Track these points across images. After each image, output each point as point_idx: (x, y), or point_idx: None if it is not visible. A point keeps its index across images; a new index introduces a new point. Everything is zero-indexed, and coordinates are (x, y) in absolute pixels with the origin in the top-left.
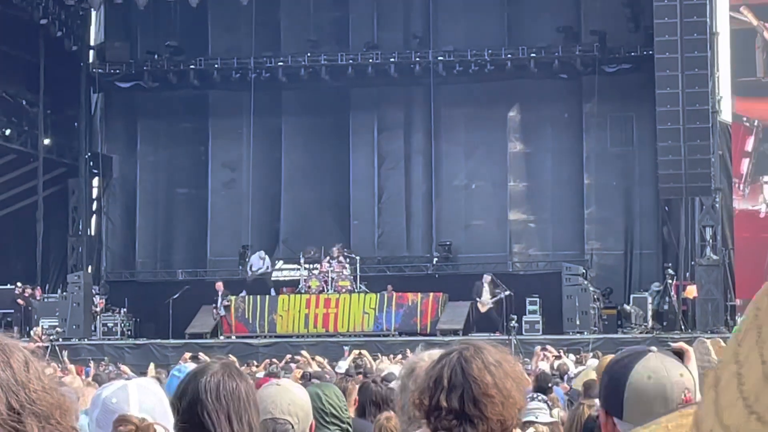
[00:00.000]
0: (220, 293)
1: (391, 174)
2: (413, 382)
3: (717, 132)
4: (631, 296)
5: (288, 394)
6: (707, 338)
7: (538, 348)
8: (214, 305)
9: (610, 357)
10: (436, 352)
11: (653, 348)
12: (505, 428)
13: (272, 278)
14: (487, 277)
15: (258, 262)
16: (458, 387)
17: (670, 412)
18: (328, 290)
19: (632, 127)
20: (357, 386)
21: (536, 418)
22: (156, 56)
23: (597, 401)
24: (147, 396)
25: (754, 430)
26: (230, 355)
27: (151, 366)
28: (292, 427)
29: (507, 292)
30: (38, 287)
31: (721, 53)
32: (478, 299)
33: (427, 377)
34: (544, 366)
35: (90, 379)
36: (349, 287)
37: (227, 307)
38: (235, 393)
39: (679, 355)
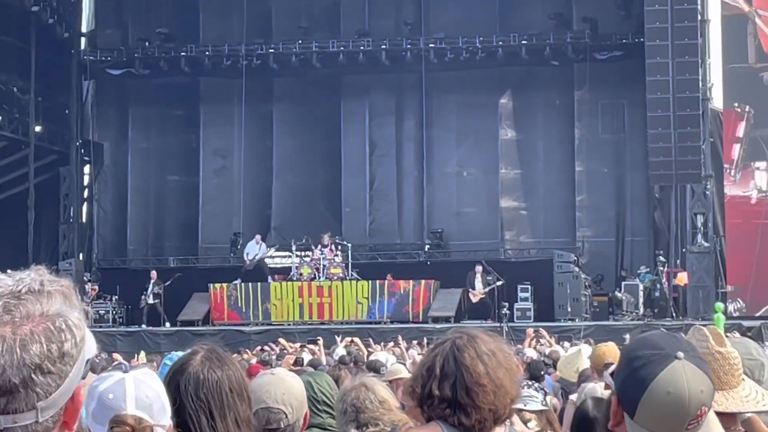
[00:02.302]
0: (152, 282)
1: (383, 161)
2: (341, 402)
3: (707, 119)
4: (623, 283)
5: (282, 384)
6: (702, 325)
7: (530, 330)
8: (144, 293)
9: (603, 347)
10: (372, 379)
11: (680, 354)
12: (497, 417)
13: (268, 265)
14: (479, 268)
15: (254, 247)
16: (450, 376)
17: (682, 426)
18: (319, 277)
19: (623, 114)
20: (349, 374)
21: (524, 405)
22: (147, 43)
23: (597, 385)
24: (144, 391)
25: None
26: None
27: (142, 354)
28: (286, 416)
29: (500, 282)
30: None
31: (712, 40)
32: (471, 290)
33: (420, 366)
34: (532, 353)
35: None
36: (341, 274)
37: (157, 295)
38: (216, 388)
39: None
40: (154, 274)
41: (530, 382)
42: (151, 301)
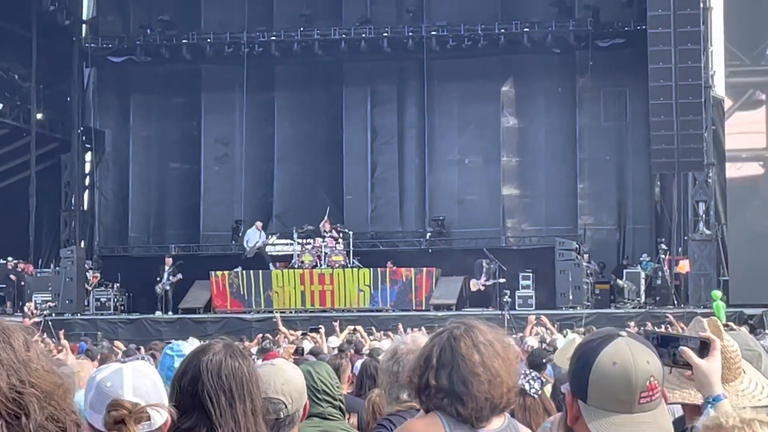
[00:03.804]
0: (167, 268)
1: (385, 149)
2: (396, 363)
3: (710, 107)
4: (624, 271)
5: (282, 375)
6: (704, 317)
7: (531, 316)
8: (158, 279)
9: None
10: (418, 335)
11: (623, 333)
12: (494, 407)
13: (268, 253)
14: (486, 263)
15: (255, 235)
16: (447, 365)
17: (633, 398)
18: (321, 265)
19: (625, 101)
20: (350, 363)
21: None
22: (149, 31)
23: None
24: (142, 380)
25: None
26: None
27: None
28: (286, 406)
29: (502, 280)
30: (30, 263)
31: (715, 28)
32: (476, 280)
33: (418, 356)
34: (533, 342)
35: (83, 355)
36: (342, 262)
37: (173, 284)
38: (237, 373)
39: (704, 345)
40: (169, 260)
41: (528, 371)
42: (168, 288)
